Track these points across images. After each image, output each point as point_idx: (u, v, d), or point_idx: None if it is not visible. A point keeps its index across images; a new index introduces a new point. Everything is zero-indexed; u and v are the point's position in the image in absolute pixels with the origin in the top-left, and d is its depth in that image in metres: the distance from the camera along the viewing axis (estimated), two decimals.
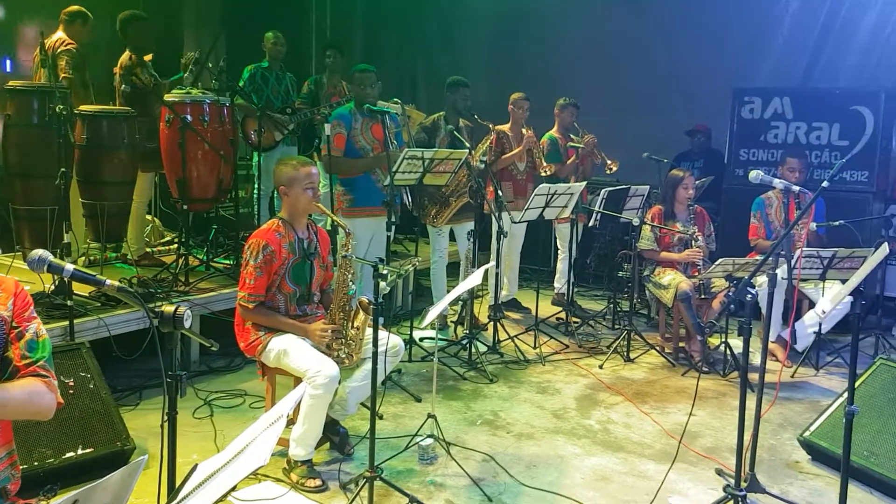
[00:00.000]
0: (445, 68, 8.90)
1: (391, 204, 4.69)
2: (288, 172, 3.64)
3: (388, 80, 7.70)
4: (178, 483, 2.97)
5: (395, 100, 6.40)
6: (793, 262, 3.65)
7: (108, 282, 1.90)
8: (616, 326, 6.20)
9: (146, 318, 4.40)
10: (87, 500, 1.29)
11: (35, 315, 1.99)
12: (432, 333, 5.70)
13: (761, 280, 4.73)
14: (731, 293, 2.77)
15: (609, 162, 6.41)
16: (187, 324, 2.10)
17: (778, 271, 3.28)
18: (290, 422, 3.80)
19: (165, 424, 2.11)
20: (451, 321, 6.07)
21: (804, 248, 4.99)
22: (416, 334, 5.49)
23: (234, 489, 1.74)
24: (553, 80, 7.78)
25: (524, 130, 6.19)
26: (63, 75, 5.08)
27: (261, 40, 6.65)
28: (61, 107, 4.05)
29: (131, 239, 5.38)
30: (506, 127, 6.29)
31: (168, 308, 2.04)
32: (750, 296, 2.85)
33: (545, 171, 6.14)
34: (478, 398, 4.70)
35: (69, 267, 1.86)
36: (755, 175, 3.30)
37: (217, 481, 1.72)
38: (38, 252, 1.83)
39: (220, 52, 7.54)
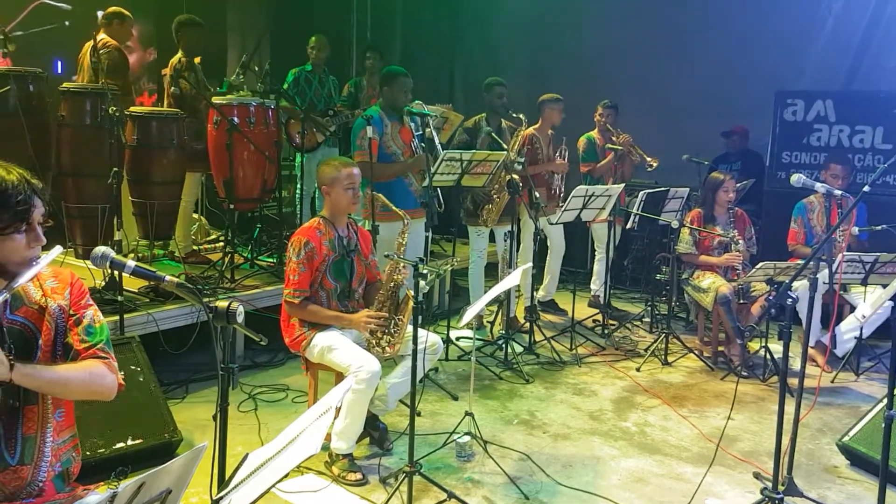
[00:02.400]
0: (483, 70, 8.94)
1: (430, 205, 4.75)
2: (330, 173, 3.74)
3: (427, 82, 7.77)
4: (228, 473, 3.07)
5: (418, 101, 6.43)
6: (834, 266, 3.61)
7: (168, 277, 1.99)
8: (654, 329, 6.19)
9: (193, 313, 4.59)
10: (152, 483, 1.38)
11: (91, 302, 2.09)
12: (469, 333, 5.77)
13: (802, 284, 4.71)
14: (771, 297, 2.78)
15: (648, 159, 6.40)
16: (240, 319, 2.18)
17: (819, 276, 3.28)
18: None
19: (217, 415, 2.18)
20: (488, 321, 6.12)
21: (846, 253, 4.95)
22: (453, 334, 5.55)
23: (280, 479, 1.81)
24: (592, 82, 7.78)
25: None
26: (101, 80, 5.21)
27: (304, 43, 6.76)
28: (114, 108, 4.18)
29: (179, 237, 5.52)
30: (534, 129, 6.27)
31: (222, 303, 2.12)
32: (790, 300, 2.85)
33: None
34: (514, 398, 4.75)
35: (131, 263, 1.95)
36: (797, 179, 3.30)
37: (268, 470, 1.79)
38: (101, 249, 1.93)
39: (264, 56, 7.72)
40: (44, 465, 1.97)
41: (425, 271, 3.25)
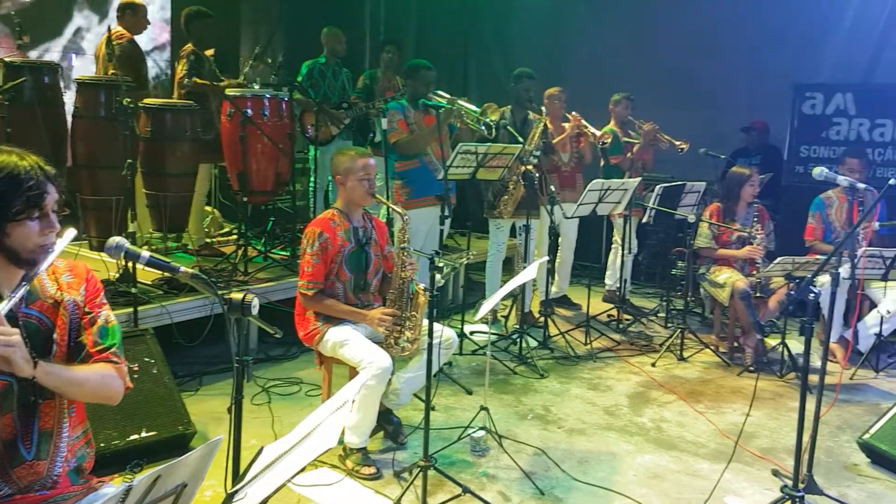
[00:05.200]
0: (498, 63, 8.92)
1: (445, 198, 4.74)
2: (345, 163, 3.71)
3: (441, 75, 7.72)
4: (243, 466, 3.05)
5: (440, 92, 6.41)
6: (856, 261, 3.56)
7: (182, 269, 1.97)
8: (669, 325, 6.14)
9: (207, 305, 4.58)
10: (168, 476, 1.35)
11: (105, 301, 2.06)
12: (484, 327, 5.74)
13: (823, 279, 4.65)
14: (792, 292, 2.73)
15: (678, 143, 6.34)
16: (255, 311, 2.15)
17: (840, 270, 3.23)
18: None
19: (232, 408, 2.16)
20: (502, 316, 6.09)
21: (867, 248, 4.88)
22: (467, 328, 5.52)
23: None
24: (606, 75, 7.70)
25: (570, 116, 6.14)
26: (111, 72, 5.21)
27: (317, 36, 6.73)
28: (128, 100, 4.16)
29: (192, 229, 5.52)
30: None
31: (237, 295, 2.09)
32: (812, 295, 2.80)
33: (603, 143, 6.12)
34: (528, 392, 4.71)
35: (145, 254, 1.93)
36: (819, 172, 3.25)
37: (284, 464, 1.77)
38: (116, 239, 1.90)
39: (278, 48, 7.69)
40: (59, 460, 1.96)
41: (441, 264, 3.22)
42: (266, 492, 1.64)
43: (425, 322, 3.59)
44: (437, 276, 3.25)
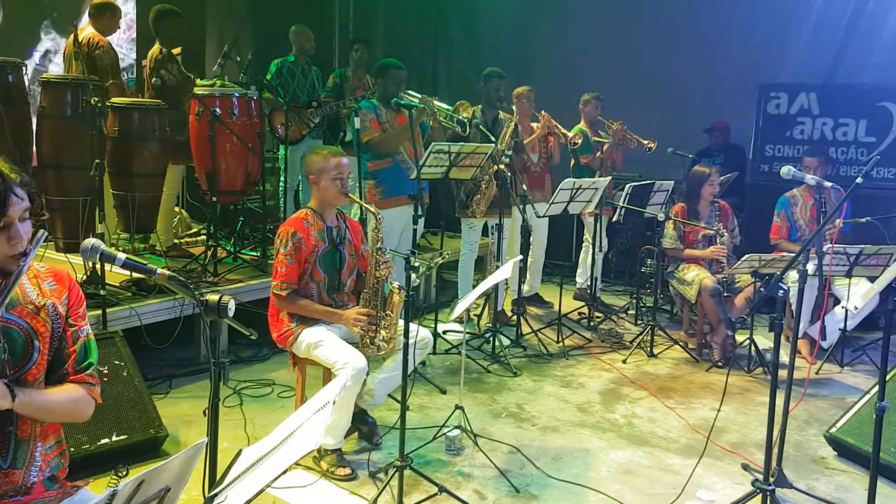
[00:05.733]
0: (466, 62, 8.94)
1: (418, 197, 4.74)
2: (318, 162, 3.69)
3: (410, 74, 7.69)
4: (220, 469, 3.02)
5: (409, 91, 6.41)
6: (823, 259, 3.63)
7: (159, 270, 1.94)
8: (639, 322, 6.20)
9: (176, 307, 4.52)
10: (152, 480, 1.34)
11: (86, 313, 2.03)
12: (458, 326, 5.76)
13: (791, 276, 4.73)
14: (762, 288, 2.77)
15: (646, 142, 6.40)
16: (231, 313, 2.13)
17: (807, 267, 3.29)
18: None
19: (209, 411, 2.14)
20: (475, 314, 6.10)
21: (833, 245, 4.97)
22: (440, 327, 5.52)
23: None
24: (575, 75, 7.77)
25: (538, 116, 6.16)
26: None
27: (285, 34, 6.68)
28: (96, 99, 4.09)
29: (160, 230, 5.44)
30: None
31: (213, 297, 2.07)
32: (782, 291, 2.85)
33: (574, 143, 6.15)
34: (502, 391, 4.73)
35: (121, 256, 1.89)
36: (787, 171, 3.31)
37: (265, 466, 1.76)
38: (91, 241, 1.87)
39: (245, 46, 7.61)
40: (34, 469, 1.92)
41: (417, 264, 3.21)
42: (247, 495, 1.63)
43: (401, 322, 3.60)
44: (413, 276, 3.25)
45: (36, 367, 1.90)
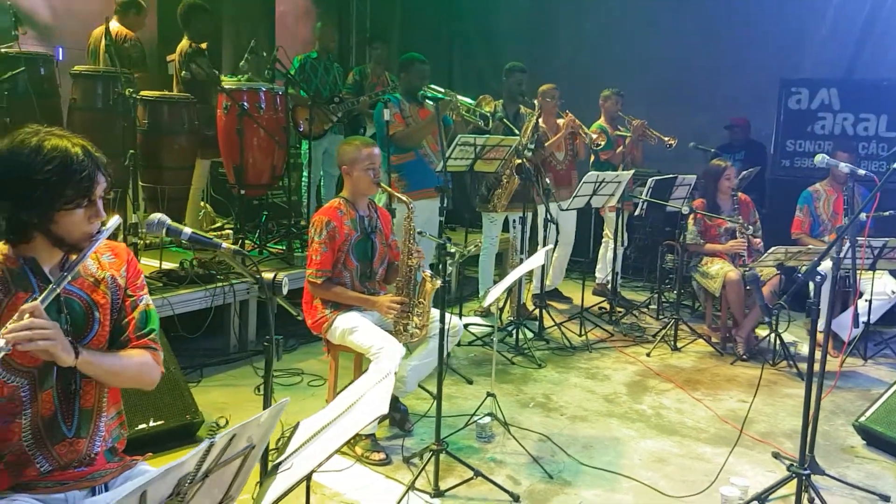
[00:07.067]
0: (482, 58, 8.97)
1: (445, 189, 4.76)
2: (350, 153, 3.73)
3: None
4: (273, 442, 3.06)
5: (433, 85, 6.44)
6: (854, 250, 3.64)
7: (224, 245, 1.98)
8: (661, 316, 6.22)
9: (207, 297, 4.56)
10: (241, 436, 1.37)
11: (145, 284, 2.07)
12: (479, 319, 5.80)
13: (825, 265, 4.73)
14: (799, 274, 2.79)
15: (666, 138, 6.42)
16: (285, 290, 2.17)
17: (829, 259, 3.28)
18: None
19: (263, 386, 2.17)
20: (497, 308, 6.12)
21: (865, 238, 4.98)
22: (463, 320, 5.54)
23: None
24: (592, 71, 7.79)
25: (563, 115, 6.18)
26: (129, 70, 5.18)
27: (304, 31, 6.72)
28: (130, 90, 4.14)
29: (188, 222, 5.49)
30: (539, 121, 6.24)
31: (268, 275, 2.11)
32: (819, 277, 2.88)
33: (597, 145, 6.17)
34: (528, 382, 4.76)
35: (187, 230, 1.94)
36: (821, 159, 3.33)
37: (329, 434, 1.79)
38: (157, 216, 1.91)
39: (262, 43, 7.66)
40: (98, 439, 1.96)
41: (453, 250, 3.25)
42: (318, 459, 1.66)
43: (433, 310, 3.64)
44: (448, 262, 3.28)
45: (97, 338, 1.93)
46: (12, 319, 1.68)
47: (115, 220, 1.86)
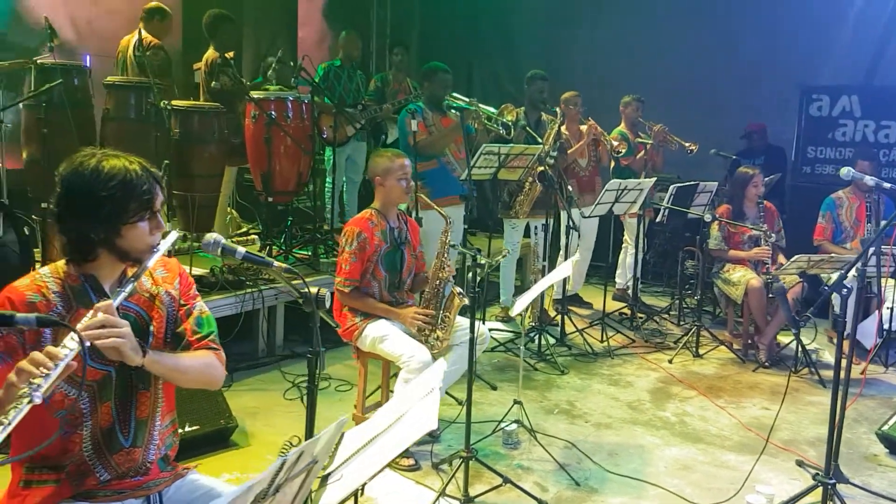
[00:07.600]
0: (501, 66, 9.02)
1: (470, 197, 4.85)
2: (383, 164, 3.81)
3: None
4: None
5: (455, 94, 6.51)
6: (879, 259, 3.68)
7: (276, 263, 2.06)
8: (682, 322, 6.26)
9: (237, 303, 4.65)
10: (308, 452, 1.45)
11: (198, 293, 2.15)
12: (501, 325, 5.86)
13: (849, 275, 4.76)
14: (826, 287, 2.84)
15: (687, 144, 6.45)
16: (327, 304, 2.25)
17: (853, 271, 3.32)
18: (379, 405, 3.97)
19: (306, 397, 2.24)
20: (519, 315, 6.17)
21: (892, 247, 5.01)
22: (486, 325, 5.60)
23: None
24: (612, 78, 7.82)
25: (586, 122, 6.23)
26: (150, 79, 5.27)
27: (325, 40, 6.80)
28: (164, 102, 4.23)
29: (217, 230, 5.57)
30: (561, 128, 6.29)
31: (313, 290, 2.18)
32: (846, 290, 2.92)
33: (618, 152, 6.21)
34: (552, 388, 4.82)
35: (241, 250, 2.01)
36: (847, 172, 3.36)
37: (377, 447, 1.86)
38: (213, 236, 1.99)
39: (287, 50, 7.75)
40: (152, 448, 2.04)
41: (483, 261, 3.31)
42: (368, 473, 1.73)
43: (457, 320, 3.71)
44: (479, 272, 3.35)
45: (151, 348, 2.01)
46: (87, 316, 1.77)
47: (173, 235, 1.95)
